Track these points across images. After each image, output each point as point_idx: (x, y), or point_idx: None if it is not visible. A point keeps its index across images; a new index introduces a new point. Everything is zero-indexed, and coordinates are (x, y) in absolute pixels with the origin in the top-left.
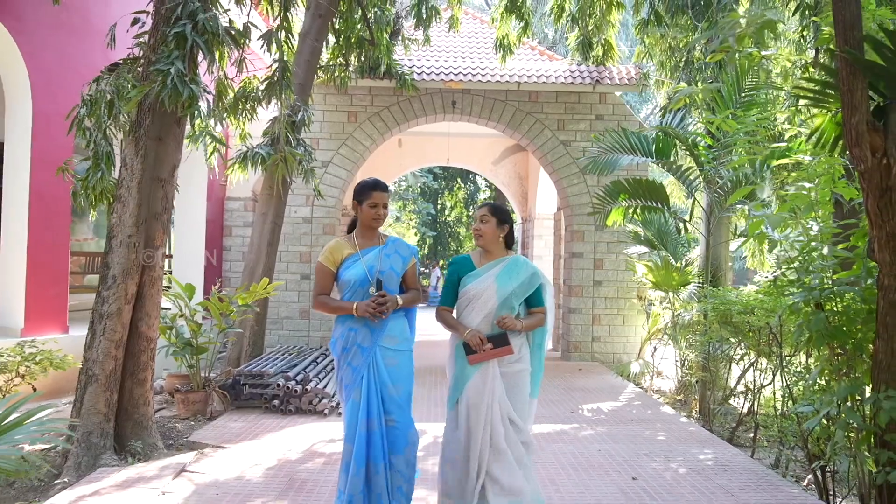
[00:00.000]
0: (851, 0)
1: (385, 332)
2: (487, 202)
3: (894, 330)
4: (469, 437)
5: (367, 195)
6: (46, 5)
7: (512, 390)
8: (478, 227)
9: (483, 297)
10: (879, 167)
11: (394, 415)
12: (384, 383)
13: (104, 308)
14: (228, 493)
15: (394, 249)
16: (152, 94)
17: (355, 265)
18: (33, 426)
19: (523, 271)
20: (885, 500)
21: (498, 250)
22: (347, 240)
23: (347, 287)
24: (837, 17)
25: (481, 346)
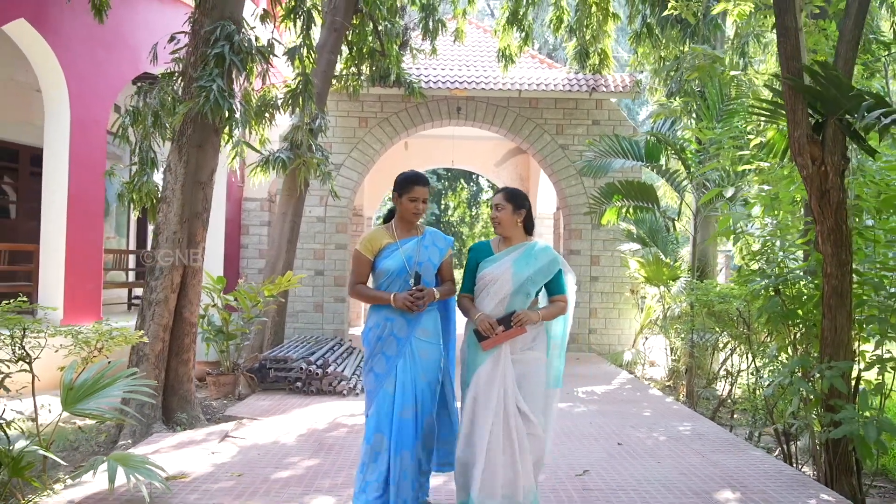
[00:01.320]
0: (791, 37)
1: (420, 325)
2: (503, 188)
3: (836, 311)
4: (474, 424)
5: (409, 189)
6: (83, 20)
7: (524, 379)
8: (495, 216)
9: (499, 282)
10: (818, 173)
11: (420, 404)
12: (418, 373)
13: (153, 296)
14: (268, 453)
15: (431, 241)
16: (196, 108)
17: (394, 255)
18: (125, 385)
19: (542, 257)
20: (830, 454)
21: (517, 236)
22: (386, 229)
23: (385, 276)
24: (781, 50)
25: (492, 330)
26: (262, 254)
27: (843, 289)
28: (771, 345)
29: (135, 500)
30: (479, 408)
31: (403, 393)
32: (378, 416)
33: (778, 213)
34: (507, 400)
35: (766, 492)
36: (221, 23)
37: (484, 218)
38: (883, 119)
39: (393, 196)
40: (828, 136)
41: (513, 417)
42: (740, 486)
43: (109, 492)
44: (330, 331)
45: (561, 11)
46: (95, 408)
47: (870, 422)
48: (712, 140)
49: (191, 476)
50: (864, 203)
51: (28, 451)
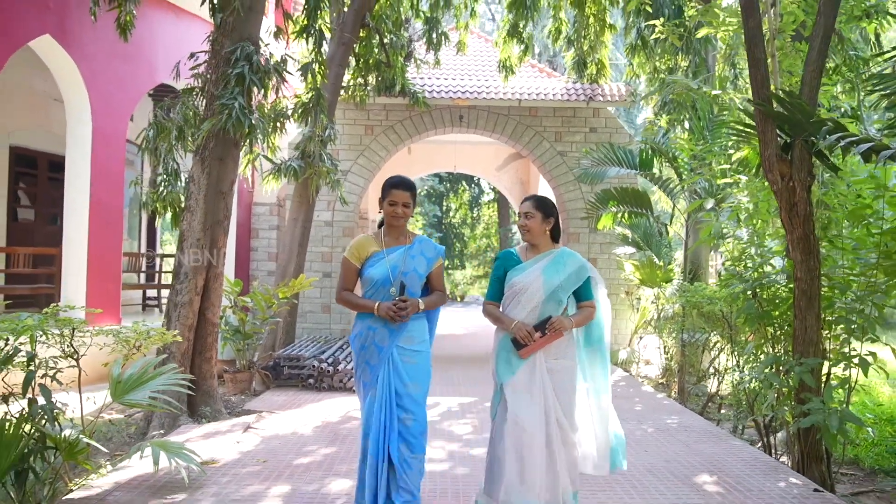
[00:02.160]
0: (761, 67)
1: (404, 333)
2: (532, 196)
3: (806, 312)
4: (523, 438)
5: (387, 193)
6: (104, 35)
7: (557, 387)
8: (524, 223)
9: (530, 290)
10: (787, 188)
11: (411, 412)
12: (401, 382)
13: (178, 298)
14: (288, 442)
15: (419, 250)
16: (219, 125)
17: (379, 263)
18: (166, 379)
19: (570, 264)
20: (801, 443)
21: (545, 244)
22: (375, 237)
23: (369, 285)
24: (752, 78)
25: (530, 337)
26: (272, 256)
27: (811, 292)
28: (749, 343)
29: (174, 482)
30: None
31: (382, 404)
32: (364, 423)
33: (756, 223)
34: (549, 411)
35: (740, 476)
36: (241, 44)
37: (484, 219)
38: (840, 141)
39: (379, 201)
40: (795, 155)
41: (553, 426)
42: (718, 472)
43: (154, 472)
44: (337, 330)
45: (560, 23)
46: (141, 398)
47: (834, 413)
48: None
49: (220, 462)
50: (835, 214)
51: (75, 439)
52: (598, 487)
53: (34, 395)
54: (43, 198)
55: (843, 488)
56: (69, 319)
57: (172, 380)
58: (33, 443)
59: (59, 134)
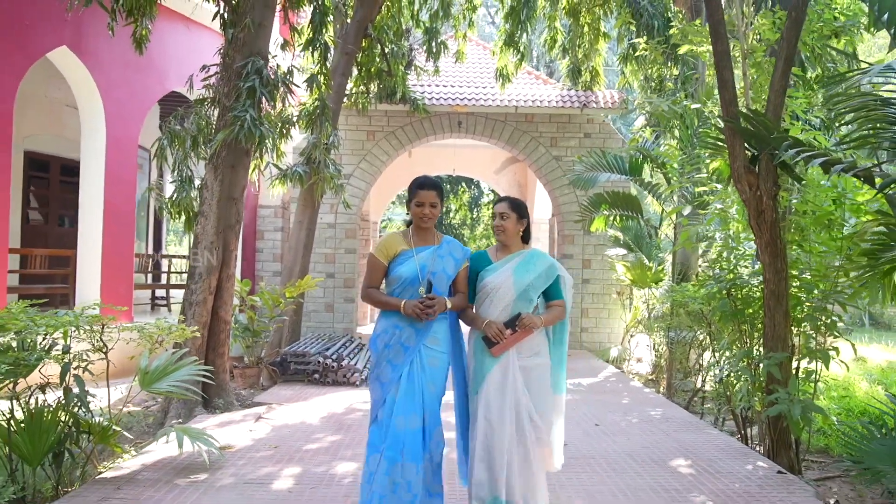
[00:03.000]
0: (729, 88)
1: (430, 334)
2: (506, 197)
3: (774, 310)
4: (492, 434)
5: (413, 194)
6: (118, 47)
7: (531, 385)
8: (499, 224)
9: (501, 289)
10: (755, 197)
11: (429, 414)
12: (426, 382)
13: (193, 297)
14: (297, 431)
15: (448, 251)
16: (232, 135)
17: (408, 262)
18: (189, 371)
19: (540, 263)
20: (771, 429)
21: (516, 244)
22: (403, 235)
23: (398, 283)
24: (721, 98)
25: (501, 335)
26: (276, 257)
27: (779, 292)
28: (724, 339)
29: (195, 464)
30: (493, 418)
31: (406, 403)
32: (379, 427)
33: (731, 228)
34: (521, 408)
35: (712, 460)
36: (252, 59)
37: (485, 221)
38: (799, 156)
39: (406, 202)
40: (761, 167)
41: (526, 424)
42: (692, 456)
43: (179, 455)
44: (340, 329)
45: (555, 32)
46: (167, 387)
47: (797, 402)
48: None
49: (236, 447)
50: (804, 219)
51: (107, 424)
52: (579, 468)
53: (69, 384)
54: (55, 201)
55: (811, 474)
56: (100, 316)
57: (194, 371)
58: (69, 428)
59: (71, 139)
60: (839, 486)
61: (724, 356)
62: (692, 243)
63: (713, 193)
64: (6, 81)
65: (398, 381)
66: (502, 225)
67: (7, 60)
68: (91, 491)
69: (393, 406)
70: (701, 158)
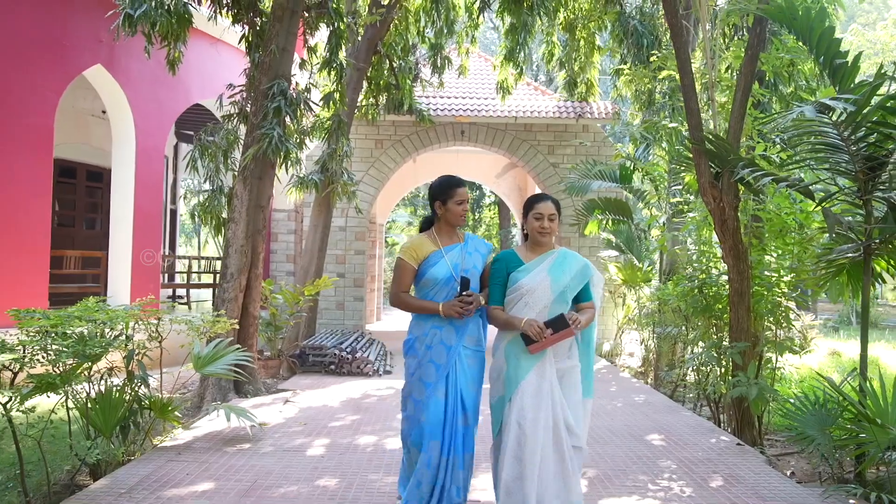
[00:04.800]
0: (695, 115)
1: (467, 332)
2: (545, 195)
3: (738, 306)
4: (525, 441)
5: (453, 192)
6: (147, 63)
7: (564, 389)
8: (548, 227)
9: (537, 291)
10: (718, 208)
11: (468, 412)
12: (468, 381)
13: (225, 295)
14: (321, 412)
15: (474, 247)
16: (261, 151)
17: (440, 263)
18: (235, 356)
19: (574, 264)
20: (736, 410)
21: (548, 244)
22: (429, 237)
23: (432, 285)
24: (689, 123)
25: (541, 333)
26: (290, 258)
27: (742, 290)
28: (697, 331)
29: (238, 437)
30: (527, 425)
31: (456, 401)
32: (430, 425)
33: (703, 233)
34: (556, 411)
35: (682, 435)
36: (277, 81)
37: (486, 221)
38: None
39: (435, 204)
40: (724, 183)
41: (562, 429)
42: (665, 432)
43: (226, 428)
44: (350, 325)
45: (553, 46)
46: (217, 369)
47: (754, 385)
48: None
49: (270, 424)
50: (768, 225)
51: (167, 401)
52: None
53: (133, 368)
54: (82, 205)
55: (774, 450)
56: (157, 310)
57: (239, 357)
58: (133, 405)
59: (96, 147)
60: (797, 460)
61: (697, 346)
62: (667, 247)
63: (688, 203)
64: (48, 97)
65: (444, 380)
66: (550, 227)
67: (49, 78)
68: (156, 456)
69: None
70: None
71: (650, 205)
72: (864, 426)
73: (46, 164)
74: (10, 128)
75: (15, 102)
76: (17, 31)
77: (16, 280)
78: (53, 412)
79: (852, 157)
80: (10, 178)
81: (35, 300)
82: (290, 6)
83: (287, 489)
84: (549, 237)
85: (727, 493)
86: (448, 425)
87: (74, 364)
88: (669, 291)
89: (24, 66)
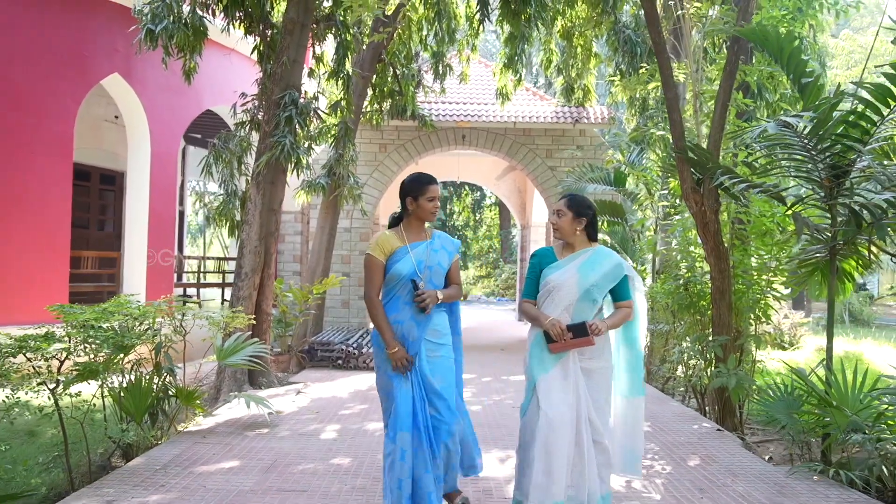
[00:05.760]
0: (678, 126)
1: (430, 326)
2: (567, 194)
3: (720, 303)
4: (554, 437)
5: (425, 189)
6: (161, 72)
7: (592, 388)
8: (554, 221)
9: (564, 288)
10: (700, 212)
11: (436, 405)
12: (426, 375)
13: (240, 293)
14: (331, 402)
15: (440, 244)
16: (274, 157)
17: (404, 259)
18: (254, 349)
19: (606, 262)
20: (719, 400)
21: (579, 242)
22: (395, 233)
23: (396, 280)
24: (672, 134)
25: (562, 335)
26: (296, 258)
27: (723, 287)
28: (683, 326)
29: (256, 423)
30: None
31: (422, 392)
32: (399, 417)
33: (688, 234)
34: (581, 409)
35: (667, 421)
36: (288, 91)
37: (487, 222)
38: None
39: (406, 200)
40: (705, 189)
41: (584, 423)
42: (651, 419)
43: (246, 415)
44: (355, 323)
45: (551, 53)
46: (237, 360)
47: (733, 375)
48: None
49: (285, 412)
50: (748, 228)
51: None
52: None
53: (160, 360)
54: (94, 207)
55: (755, 438)
56: (182, 306)
57: (257, 349)
58: (161, 393)
59: (109, 151)
60: (776, 447)
61: (684, 340)
62: (655, 248)
63: (675, 207)
64: (68, 105)
65: (409, 374)
66: (557, 222)
67: (69, 86)
68: (183, 439)
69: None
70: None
71: (642, 207)
72: (828, 411)
73: (67, 168)
74: (34, 134)
75: (38, 110)
76: (41, 42)
77: (41, 279)
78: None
79: (816, 165)
80: (34, 181)
81: (57, 298)
82: (301, 20)
83: (305, 466)
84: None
85: (703, 470)
86: (418, 417)
87: (111, 354)
88: (657, 289)
89: (47, 76)
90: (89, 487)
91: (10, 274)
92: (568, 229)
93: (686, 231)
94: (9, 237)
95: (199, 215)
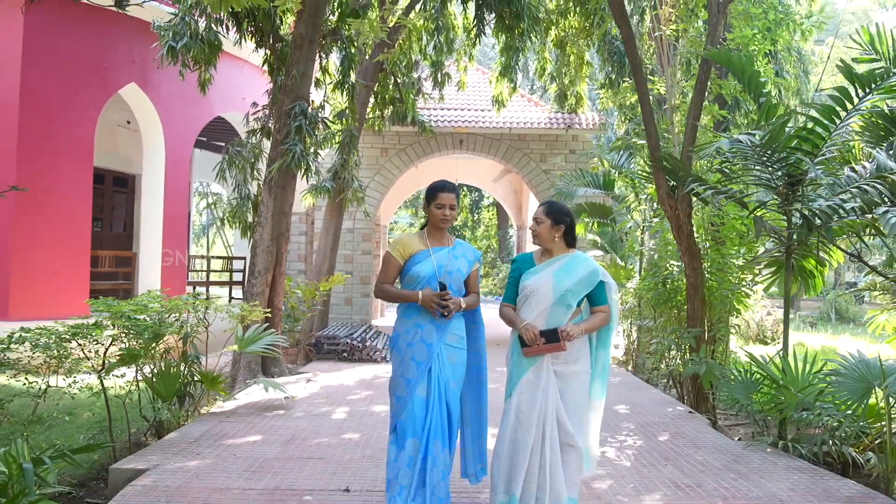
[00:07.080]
0: (653, 137)
1: (449, 330)
2: (546, 201)
3: (693, 298)
4: (517, 433)
5: (434, 196)
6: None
7: (566, 392)
8: (533, 228)
9: (540, 293)
10: (675, 215)
11: (454, 410)
12: (448, 378)
13: (253, 290)
14: (338, 389)
15: (461, 252)
16: (285, 164)
17: (426, 261)
18: (271, 339)
19: (581, 268)
20: (692, 387)
21: (557, 248)
22: (419, 236)
23: (416, 281)
24: (648, 144)
25: (535, 340)
26: (301, 258)
27: (696, 284)
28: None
29: (273, 406)
30: (523, 418)
31: (440, 397)
32: (413, 422)
33: (667, 235)
34: (548, 407)
35: (644, 406)
36: (298, 102)
37: (485, 222)
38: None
39: (423, 205)
40: (679, 194)
41: (549, 425)
42: (630, 404)
43: (266, 395)
44: (358, 319)
45: (544, 62)
46: (256, 348)
47: (703, 363)
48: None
49: (297, 397)
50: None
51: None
52: None
53: (187, 348)
54: (108, 209)
55: (727, 422)
56: (206, 301)
57: (274, 339)
58: (188, 378)
59: (123, 155)
60: (745, 429)
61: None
62: (636, 248)
63: (654, 210)
64: (88, 112)
65: (425, 378)
66: (536, 229)
67: (90, 94)
68: (208, 419)
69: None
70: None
71: (629, 209)
72: (780, 391)
73: (87, 172)
74: (57, 140)
75: (61, 117)
76: (64, 54)
77: (64, 277)
78: (125, 386)
79: (773, 175)
80: (57, 185)
81: (79, 295)
82: (309, 36)
83: (320, 440)
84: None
85: (670, 444)
86: (429, 422)
87: (149, 341)
88: (641, 286)
89: (69, 85)
90: (134, 455)
91: (39, 273)
92: (546, 236)
93: (665, 233)
94: (38, 238)
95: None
